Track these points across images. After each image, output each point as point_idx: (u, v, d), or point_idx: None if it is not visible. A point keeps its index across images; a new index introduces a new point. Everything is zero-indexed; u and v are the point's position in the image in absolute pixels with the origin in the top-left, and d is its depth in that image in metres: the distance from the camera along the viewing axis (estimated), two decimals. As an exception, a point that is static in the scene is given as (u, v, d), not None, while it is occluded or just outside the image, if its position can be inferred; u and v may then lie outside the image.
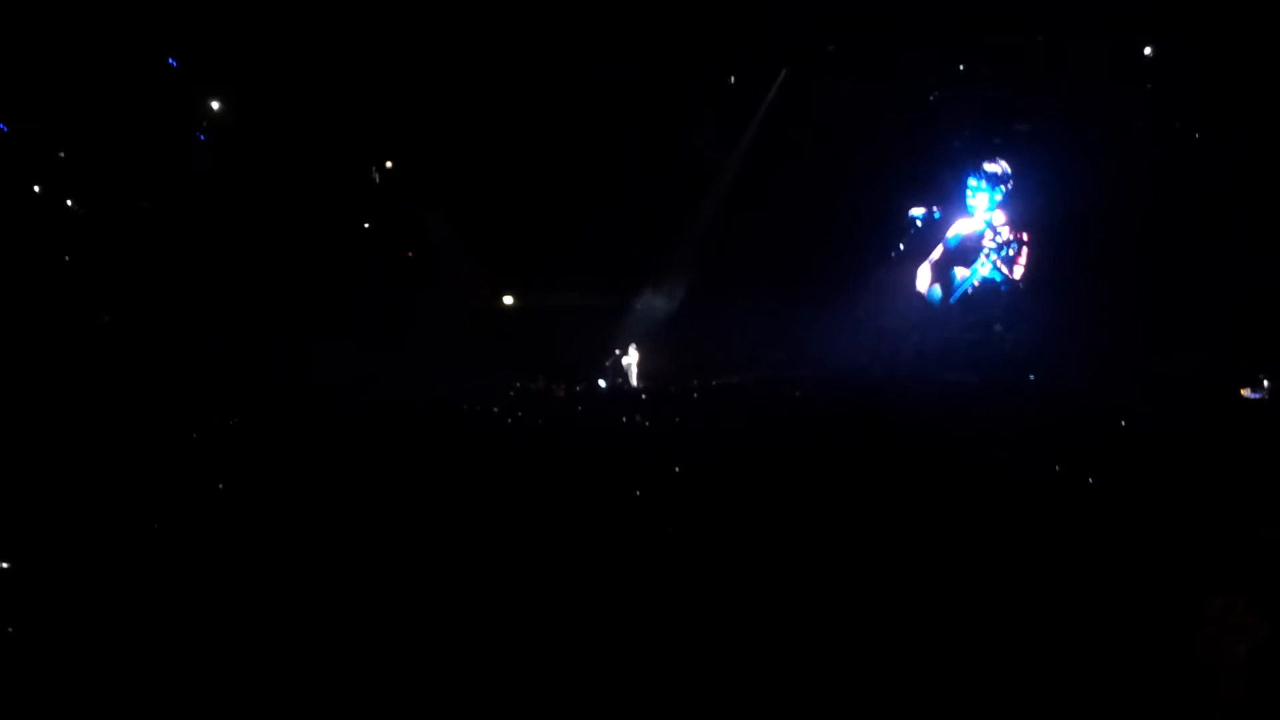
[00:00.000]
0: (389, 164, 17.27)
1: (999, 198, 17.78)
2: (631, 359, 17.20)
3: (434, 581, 7.21)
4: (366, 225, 16.63)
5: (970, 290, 17.91)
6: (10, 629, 6.21)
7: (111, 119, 14.31)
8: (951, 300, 18.09)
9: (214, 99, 15.56)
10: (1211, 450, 9.58)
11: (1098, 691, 5.82)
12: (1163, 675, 5.91)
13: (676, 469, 10.13)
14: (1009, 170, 17.67)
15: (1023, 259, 17.50)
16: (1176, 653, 6.07)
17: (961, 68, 16.82)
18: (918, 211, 18.02)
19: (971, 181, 17.89)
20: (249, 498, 8.92)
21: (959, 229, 18.10)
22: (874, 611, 6.55)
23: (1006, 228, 17.67)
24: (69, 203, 14.70)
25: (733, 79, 17.49)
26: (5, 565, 6.91)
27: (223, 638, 6.12)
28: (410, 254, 17.06)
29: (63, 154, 14.44)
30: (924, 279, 18.35)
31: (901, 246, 18.14)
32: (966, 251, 18.02)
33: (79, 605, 6.46)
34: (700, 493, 9.25)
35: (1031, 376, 14.33)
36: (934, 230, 18.28)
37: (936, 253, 18.25)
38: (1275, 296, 13.77)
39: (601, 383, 16.61)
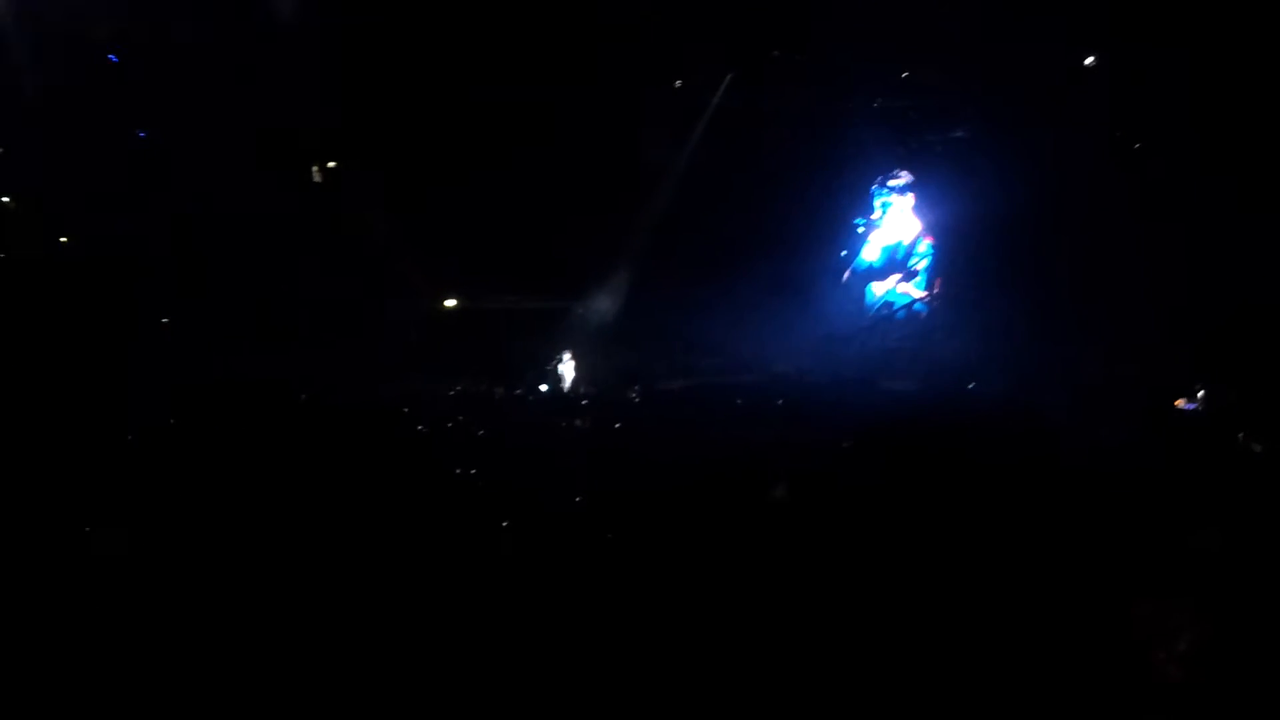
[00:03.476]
0: (330, 164, 17.10)
1: (908, 207, 17.95)
2: (569, 363, 17.10)
3: (367, 586, 7.12)
4: (304, 225, 16.37)
5: (902, 300, 18.01)
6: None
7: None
8: (884, 310, 18.19)
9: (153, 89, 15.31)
10: (1146, 460, 9.68)
11: (1037, 694, 5.84)
12: (1099, 678, 5.95)
13: (616, 474, 10.09)
14: (911, 181, 17.85)
15: (938, 271, 17.63)
16: (1110, 657, 6.12)
17: (905, 75, 16.92)
18: (862, 219, 18.11)
19: (880, 197, 18.07)
20: (180, 501, 8.75)
21: (881, 239, 18.22)
22: (820, 617, 6.54)
23: (925, 239, 17.82)
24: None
25: (678, 83, 17.47)
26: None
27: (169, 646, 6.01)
28: (348, 254, 16.81)
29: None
30: (859, 287, 18.45)
31: (844, 254, 18.22)
32: (893, 261, 18.14)
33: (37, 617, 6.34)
34: (638, 500, 9.20)
35: (971, 385, 14.38)
36: (868, 239, 18.39)
37: (863, 261, 18.37)
38: (1212, 304, 13.96)
39: (542, 386, 16.50)
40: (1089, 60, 15.55)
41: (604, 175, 17.01)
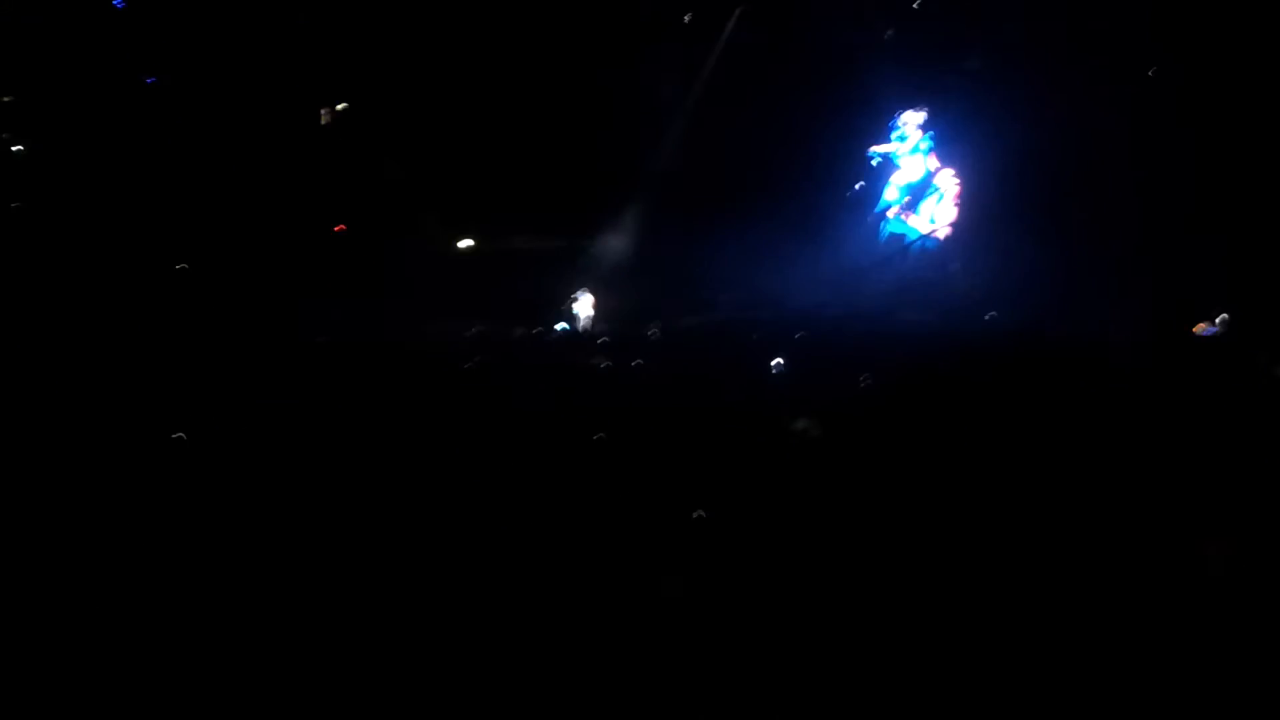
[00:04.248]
0: (340, 106, 17.03)
1: (924, 143, 17.82)
2: (587, 302, 17.08)
3: (388, 530, 7.16)
4: (314, 168, 16.33)
5: (914, 233, 17.93)
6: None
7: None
8: (898, 244, 18.11)
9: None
10: (1167, 388, 9.68)
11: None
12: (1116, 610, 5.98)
13: (636, 412, 10.10)
14: (927, 115, 17.71)
15: (954, 205, 17.54)
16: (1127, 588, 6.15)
17: (915, 5, 16.75)
18: (877, 150, 17.97)
19: (896, 131, 17.94)
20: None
21: (900, 174, 18.11)
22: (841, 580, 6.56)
23: (941, 171, 17.70)
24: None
25: (687, 17, 17.32)
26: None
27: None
28: (360, 196, 16.77)
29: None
30: (874, 221, 18.36)
31: (859, 185, 18.10)
32: (908, 194, 18.03)
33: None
34: (662, 437, 9.23)
35: (988, 315, 14.37)
36: (887, 172, 18.26)
37: (883, 199, 18.26)
38: (1229, 230, 13.92)
39: (559, 325, 16.50)
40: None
41: (616, 111, 16.91)
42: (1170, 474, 7.53)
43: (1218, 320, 12.80)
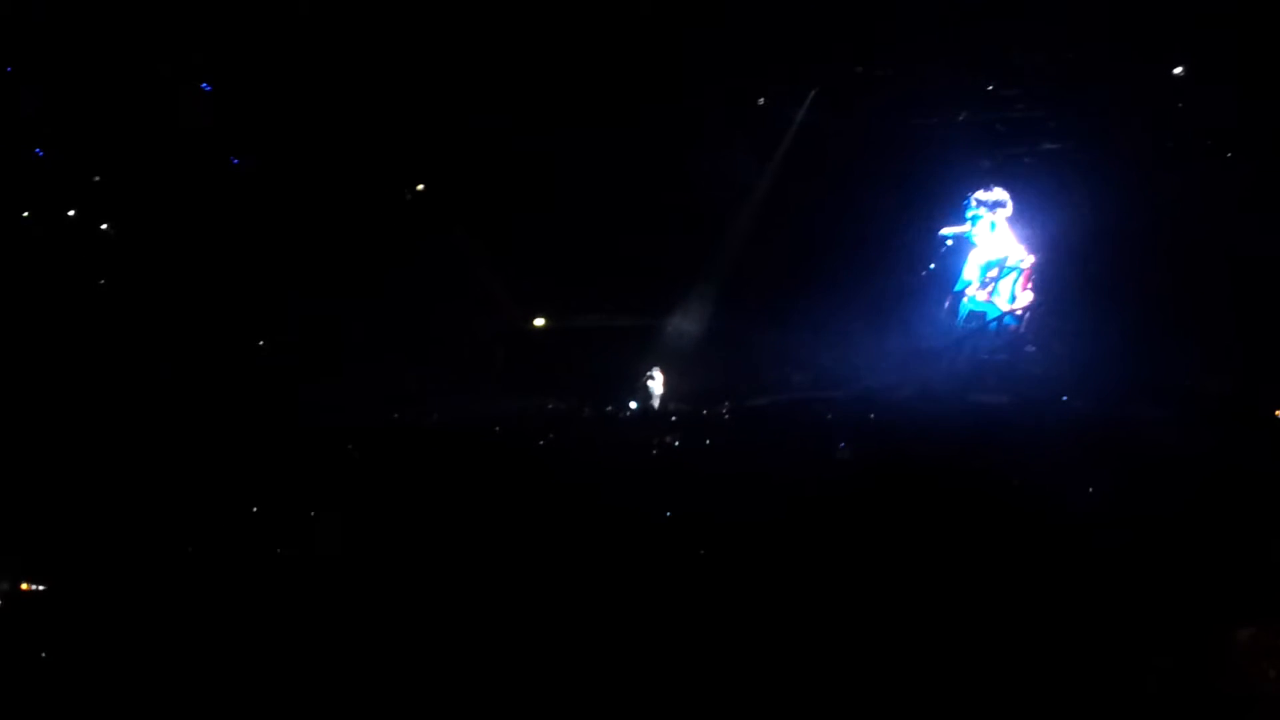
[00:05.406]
0: (420, 186, 17.34)
1: (999, 221, 17.76)
2: (659, 380, 17.16)
3: (456, 600, 7.22)
4: (394, 246, 16.60)
5: (997, 313, 17.83)
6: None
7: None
8: (975, 323, 18.01)
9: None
10: (1245, 473, 9.51)
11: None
12: (1194, 702, 5.87)
13: (707, 492, 10.11)
14: (1005, 197, 17.65)
15: (1031, 284, 17.44)
16: (1207, 680, 6.03)
17: (990, 88, 16.76)
18: (949, 231, 17.94)
19: (971, 211, 17.89)
20: (267, 515, 8.94)
21: (978, 253, 18.05)
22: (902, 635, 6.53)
23: (1022, 250, 17.61)
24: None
25: (761, 100, 17.48)
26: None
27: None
28: (438, 273, 16.98)
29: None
30: (953, 302, 18.29)
31: (932, 266, 18.07)
32: (984, 274, 17.96)
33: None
34: (733, 516, 9.22)
35: (1064, 398, 14.22)
36: (962, 253, 18.22)
37: (963, 278, 18.19)
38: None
39: (632, 404, 16.59)
40: (1178, 70, 15.31)
41: (691, 192, 17.04)
42: (1242, 567, 7.40)
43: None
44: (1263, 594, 6.91)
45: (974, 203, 17.75)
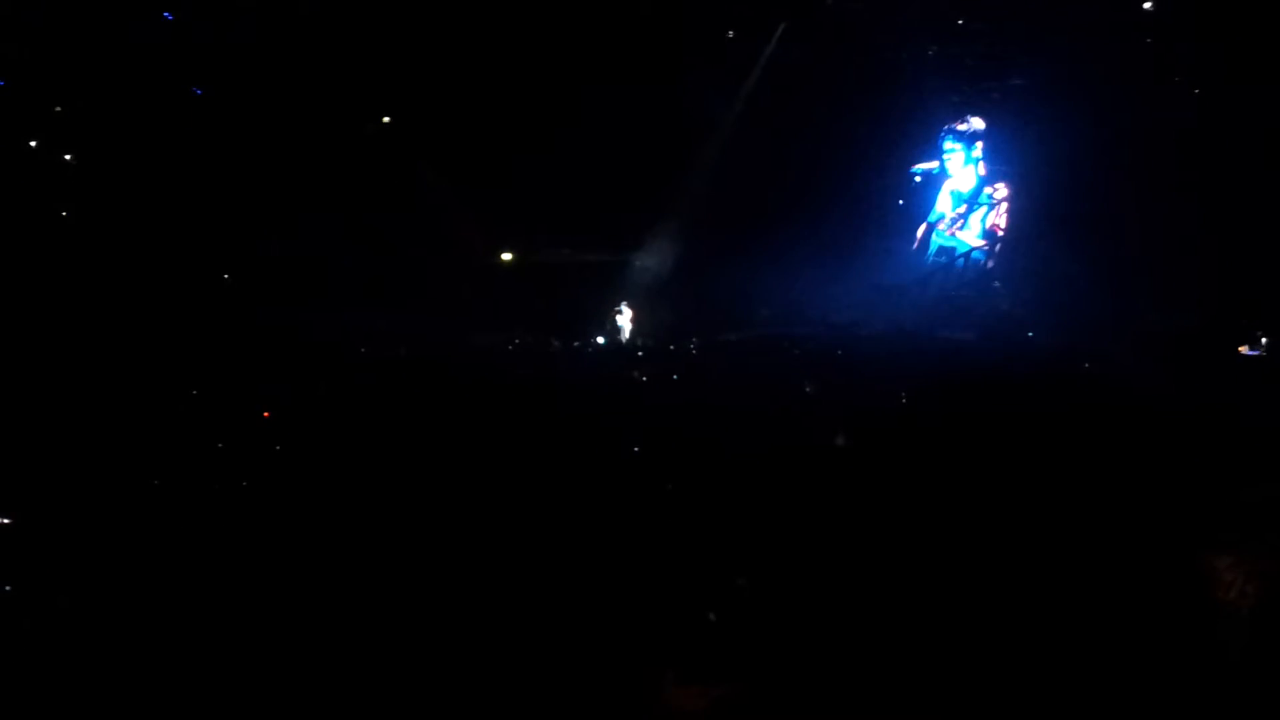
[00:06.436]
0: (384, 119, 17.18)
1: (976, 155, 17.75)
2: (627, 316, 17.16)
3: (426, 535, 7.23)
4: (358, 183, 16.45)
5: (966, 248, 17.89)
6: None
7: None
8: (943, 259, 18.07)
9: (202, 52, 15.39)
10: (1208, 408, 9.59)
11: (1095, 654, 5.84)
12: (1161, 634, 5.94)
13: (675, 426, 10.12)
14: (981, 128, 17.65)
15: (1003, 218, 17.49)
16: (1184, 604, 6.11)
17: (960, 22, 16.68)
18: (920, 167, 17.95)
19: (947, 144, 17.88)
20: (253, 463, 8.89)
21: (951, 187, 18.06)
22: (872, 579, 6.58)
23: (998, 185, 17.64)
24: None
25: (731, 34, 17.35)
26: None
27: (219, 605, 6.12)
28: (404, 210, 16.88)
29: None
30: (920, 237, 18.32)
31: (901, 203, 18.09)
32: (953, 209, 17.99)
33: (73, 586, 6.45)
34: (700, 450, 9.24)
35: (1030, 334, 14.31)
36: (932, 188, 18.23)
37: (935, 210, 18.21)
38: (1273, 252, 13.78)
39: (599, 339, 16.58)
40: (1147, 4, 15.27)
41: (658, 128, 16.94)
42: (1206, 495, 7.47)
43: (1262, 341, 12.71)
44: (1228, 519, 7.00)
45: (948, 133, 17.73)
